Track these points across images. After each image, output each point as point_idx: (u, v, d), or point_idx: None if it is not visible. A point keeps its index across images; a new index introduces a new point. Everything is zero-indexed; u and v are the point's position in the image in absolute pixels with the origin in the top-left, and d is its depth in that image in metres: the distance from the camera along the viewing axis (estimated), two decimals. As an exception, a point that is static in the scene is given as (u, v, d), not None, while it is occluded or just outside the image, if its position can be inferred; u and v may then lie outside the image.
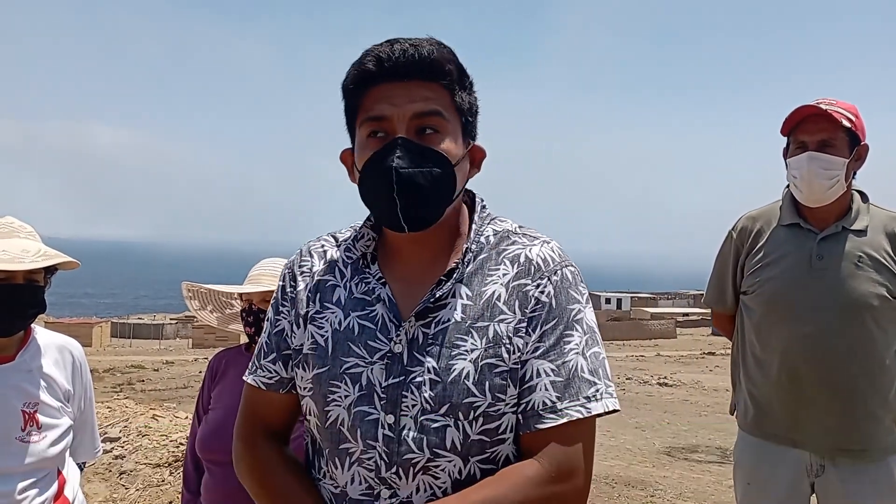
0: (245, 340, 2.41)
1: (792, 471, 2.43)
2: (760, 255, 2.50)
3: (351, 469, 1.23)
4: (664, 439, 9.55)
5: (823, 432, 2.38)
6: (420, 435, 1.19)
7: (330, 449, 1.26)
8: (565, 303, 1.24)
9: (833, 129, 2.33)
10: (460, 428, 1.19)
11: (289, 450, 1.38)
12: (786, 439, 2.44)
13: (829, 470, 2.39)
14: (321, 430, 1.27)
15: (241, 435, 1.38)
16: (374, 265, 1.30)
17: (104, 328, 44.52)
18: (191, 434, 2.40)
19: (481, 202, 1.35)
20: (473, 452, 1.20)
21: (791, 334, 2.39)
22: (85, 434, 2.24)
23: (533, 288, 1.24)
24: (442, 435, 1.19)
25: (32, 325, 2.10)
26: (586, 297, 1.29)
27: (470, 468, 1.21)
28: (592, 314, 1.29)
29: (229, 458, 2.21)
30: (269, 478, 1.32)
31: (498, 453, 1.22)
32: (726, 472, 6.89)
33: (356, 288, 1.30)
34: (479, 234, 1.30)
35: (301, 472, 1.32)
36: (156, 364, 23.11)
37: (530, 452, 1.20)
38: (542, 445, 1.19)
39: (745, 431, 2.59)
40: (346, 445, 1.24)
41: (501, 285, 1.25)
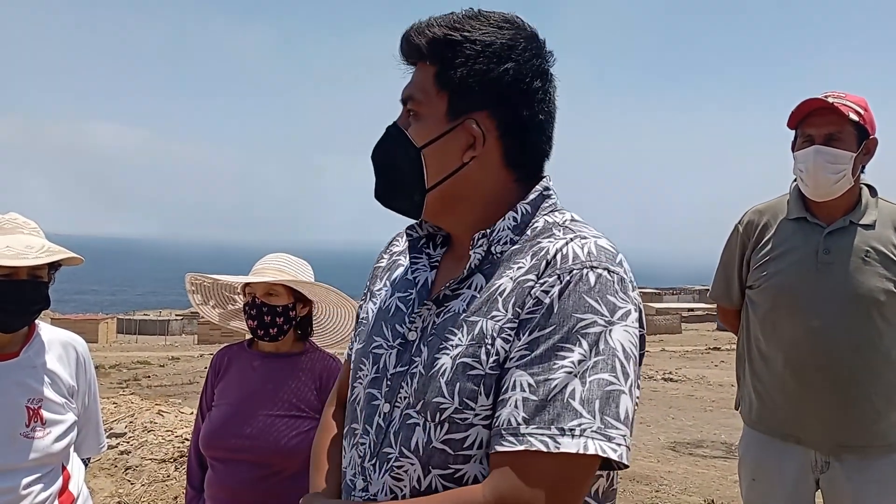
0: (249, 337, 2.40)
1: (797, 466, 2.42)
2: (767, 250, 2.48)
3: (351, 451, 1.23)
4: (669, 434, 9.53)
5: (828, 428, 2.36)
6: (399, 430, 1.12)
7: (347, 425, 1.27)
8: (573, 309, 1.03)
9: (840, 123, 2.31)
10: (426, 430, 1.08)
11: None
12: (791, 435, 2.43)
13: (835, 466, 2.37)
14: (348, 404, 1.29)
15: (329, 400, 1.44)
16: (438, 249, 1.28)
17: (110, 324, 44.71)
18: (194, 431, 2.40)
19: (543, 191, 1.19)
20: (434, 463, 1.08)
21: (797, 329, 2.38)
22: (89, 429, 2.24)
23: (536, 285, 1.06)
24: (410, 433, 1.10)
25: (36, 321, 2.10)
26: (621, 314, 1.04)
27: (431, 481, 1.08)
28: (626, 336, 1.04)
29: (232, 455, 2.21)
30: (323, 439, 1.36)
31: (463, 473, 1.07)
32: (731, 468, 6.87)
33: (411, 269, 1.28)
34: (522, 225, 1.16)
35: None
36: (161, 360, 23.17)
37: None
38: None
39: (750, 427, 2.58)
40: (354, 426, 1.23)
41: (511, 279, 1.10)
